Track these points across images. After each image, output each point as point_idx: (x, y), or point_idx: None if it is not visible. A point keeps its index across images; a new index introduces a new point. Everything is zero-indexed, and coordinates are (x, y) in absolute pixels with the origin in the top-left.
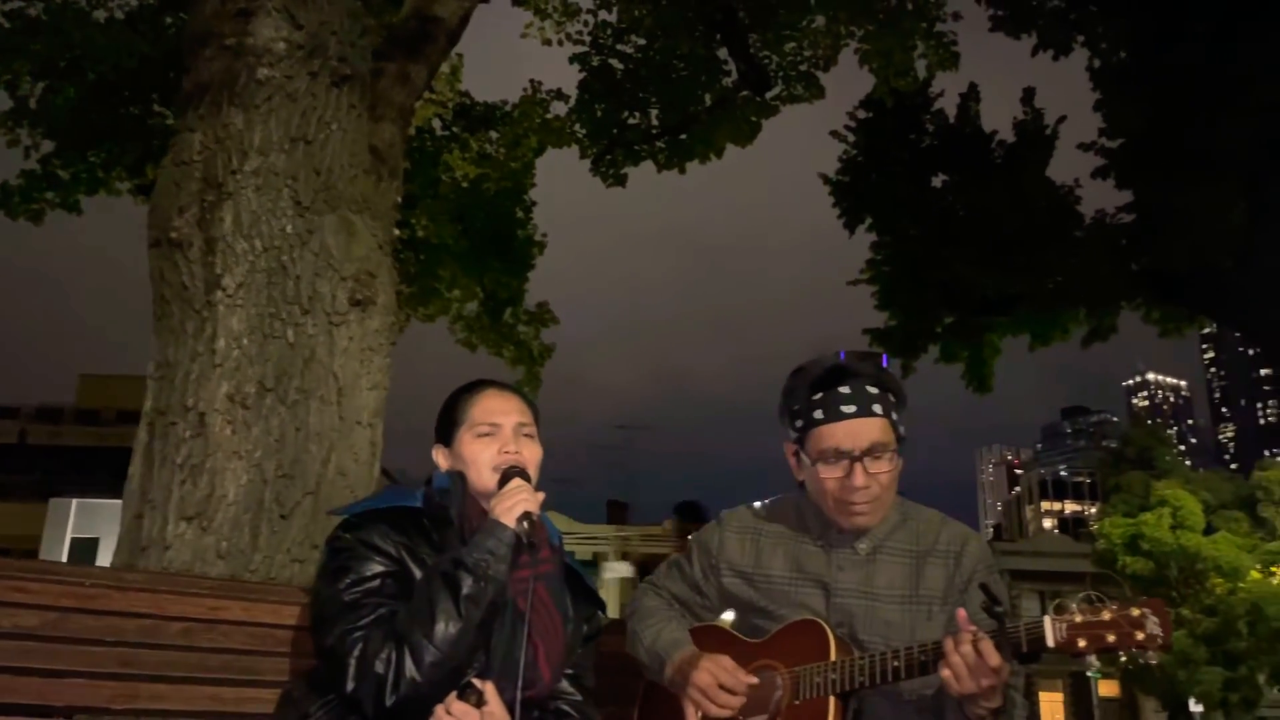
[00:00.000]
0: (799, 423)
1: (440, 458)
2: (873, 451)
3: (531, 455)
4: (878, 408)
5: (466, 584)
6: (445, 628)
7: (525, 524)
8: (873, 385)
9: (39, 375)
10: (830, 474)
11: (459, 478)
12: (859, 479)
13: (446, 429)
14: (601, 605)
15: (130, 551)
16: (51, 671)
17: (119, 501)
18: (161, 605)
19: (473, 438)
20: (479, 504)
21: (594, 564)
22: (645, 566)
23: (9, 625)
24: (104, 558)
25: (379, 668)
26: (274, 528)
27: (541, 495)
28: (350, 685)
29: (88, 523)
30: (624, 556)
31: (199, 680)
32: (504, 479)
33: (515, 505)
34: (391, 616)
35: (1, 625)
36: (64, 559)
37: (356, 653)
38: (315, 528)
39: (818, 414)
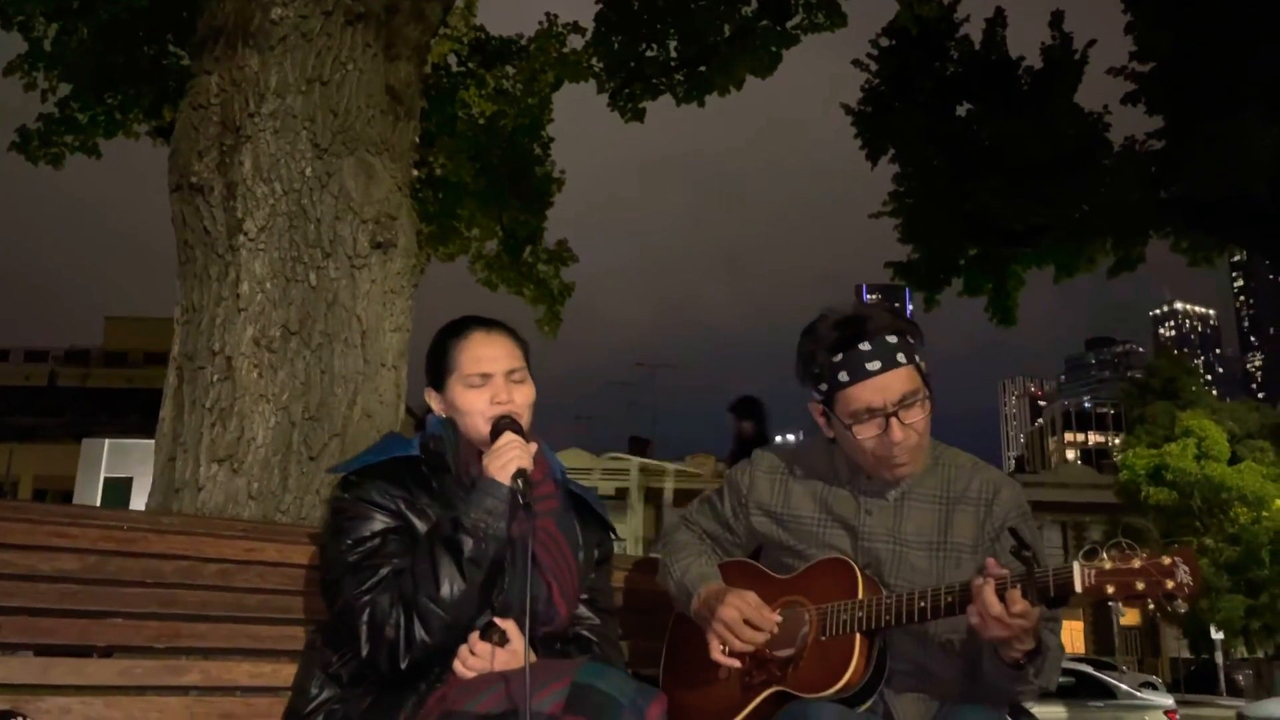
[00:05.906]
0: (823, 386)
1: (433, 401)
2: (904, 402)
3: (524, 399)
4: (901, 356)
5: (468, 546)
6: (451, 590)
7: (519, 481)
8: (891, 334)
9: (65, 317)
10: (866, 433)
11: (450, 424)
12: (896, 434)
13: (437, 374)
14: (610, 528)
15: (164, 494)
16: (93, 613)
17: (151, 441)
18: (198, 547)
19: (464, 388)
20: (475, 449)
21: (618, 498)
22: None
23: (51, 569)
24: (137, 497)
25: (389, 633)
26: (303, 469)
27: (534, 445)
28: (365, 650)
29: (120, 462)
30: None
31: (237, 619)
32: (495, 432)
33: (508, 463)
34: (396, 575)
35: (43, 569)
36: (98, 498)
37: (365, 617)
38: None
39: (842, 376)
